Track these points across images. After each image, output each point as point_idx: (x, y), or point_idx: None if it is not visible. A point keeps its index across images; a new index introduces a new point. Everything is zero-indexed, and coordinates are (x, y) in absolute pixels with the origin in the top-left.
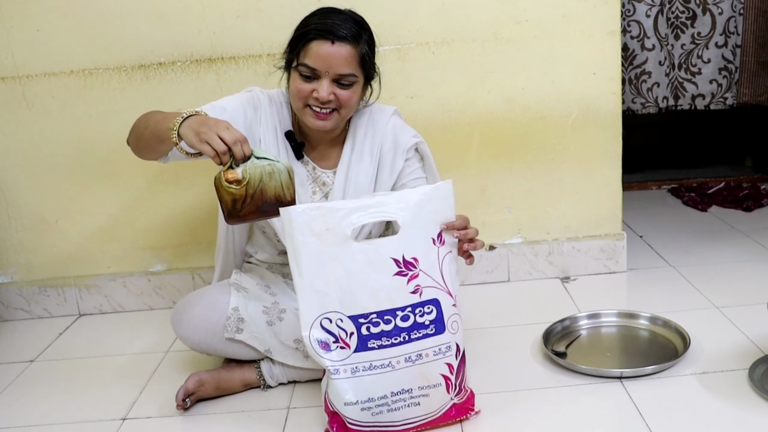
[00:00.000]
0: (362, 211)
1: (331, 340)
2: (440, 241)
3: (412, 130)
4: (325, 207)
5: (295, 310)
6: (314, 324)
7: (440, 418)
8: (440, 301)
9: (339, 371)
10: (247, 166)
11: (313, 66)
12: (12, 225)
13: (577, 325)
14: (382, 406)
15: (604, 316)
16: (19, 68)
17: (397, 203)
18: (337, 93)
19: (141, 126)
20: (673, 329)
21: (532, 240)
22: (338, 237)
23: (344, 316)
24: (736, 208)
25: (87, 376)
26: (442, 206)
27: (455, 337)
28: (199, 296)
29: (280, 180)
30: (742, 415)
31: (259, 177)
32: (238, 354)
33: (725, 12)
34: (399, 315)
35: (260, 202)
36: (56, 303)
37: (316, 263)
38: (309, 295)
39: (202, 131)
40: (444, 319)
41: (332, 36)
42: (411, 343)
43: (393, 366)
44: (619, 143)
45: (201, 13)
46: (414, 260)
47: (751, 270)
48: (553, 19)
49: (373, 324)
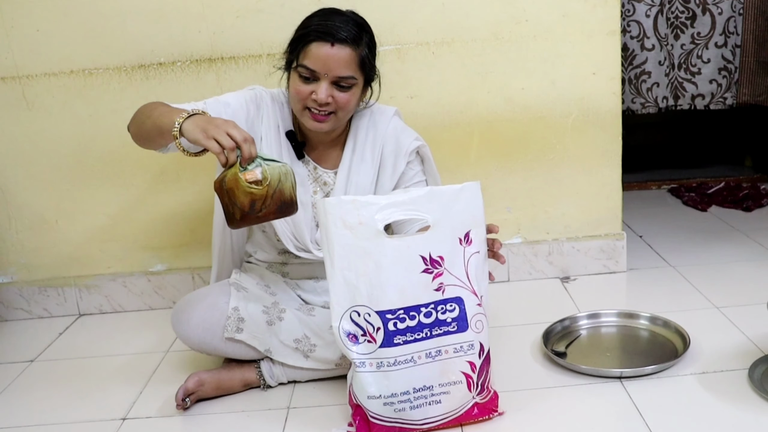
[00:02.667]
0: (395, 207)
1: (359, 333)
2: (467, 241)
3: (413, 133)
4: (359, 201)
5: (295, 310)
6: (344, 316)
7: (462, 416)
8: (464, 299)
9: (365, 364)
10: (264, 166)
11: (312, 67)
12: (12, 225)
13: (577, 325)
14: (404, 402)
15: (604, 316)
16: (19, 68)
17: (429, 201)
18: (335, 95)
19: (144, 115)
20: (672, 329)
21: (532, 240)
22: (370, 231)
23: (372, 310)
24: (736, 208)
25: (87, 376)
26: (470, 207)
27: (479, 336)
28: (199, 296)
29: (292, 181)
30: (742, 415)
31: (278, 177)
32: (238, 354)
33: (725, 12)
34: (423, 311)
35: (279, 203)
36: (56, 303)
37: (348, 255)
38: (340, 286)
39: (210, 128)
40: (467, 318)
41: (332, 38)
42: (432, 339)
43: (415, 361)
44: (618, 143)
45: (201, 13)
46: (440, 258)
47: (751, 270)
48: (553, 19)
49: (399, 320)
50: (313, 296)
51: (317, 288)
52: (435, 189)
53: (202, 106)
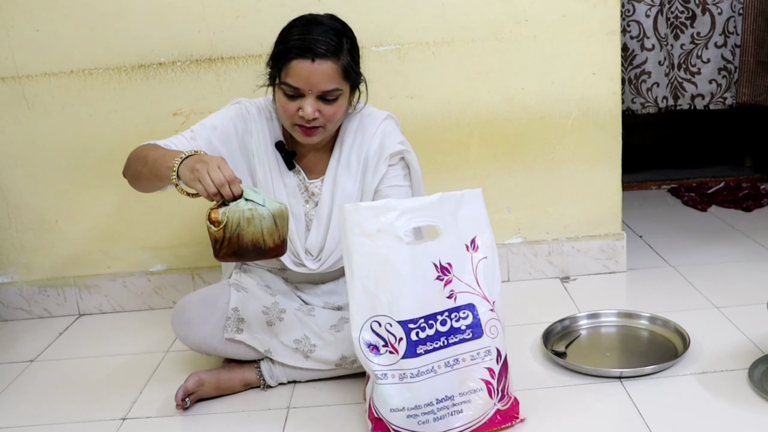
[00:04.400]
0: (411, 214)
1: (380, 344)
2: (473, 247)
3: (400, 137)
4: (377, 207)
5: (295, 310)
6: (364, 326)
7: (485, 425)
8: (476, 305)
9: (387, 376)
10: (230, 208)
11: (295, 85)
12: (12, 225)
13: (577, 324)
14: (428, 414)
15: (604, 316)
16: (19, 68)
17: (440, 207)
18: (322, 109)
19: (138, 163)
20: (672, 329)
21: (532, 240)
22: (390, 239)
23: (393, 320)
24: (736, 208)
25: (87, 376)
26: (474, 213)
27: (495, 342)
28: (199, 296)
29: (260, 226)
30: (741, 415)
31: (237, 222)
32: (238, 354)
33: (725, 12)
34: (439, 319)
35: (236, 247)
36: (56, 303)
37: (367, 264)
38: (360, 295)
39: (196, 169)
40: (481, 324)
41: (312, 54)
42: (449, 347)
43: (435, 371)
44: (618, 143)
45: (201, 13)
46: (449, 265)
47: (751, 270)
48: (553, 19)
49: (421, 329)
50: (314, 297)
51: (317, 291)
52: (445, 195)
53: (190, 135)
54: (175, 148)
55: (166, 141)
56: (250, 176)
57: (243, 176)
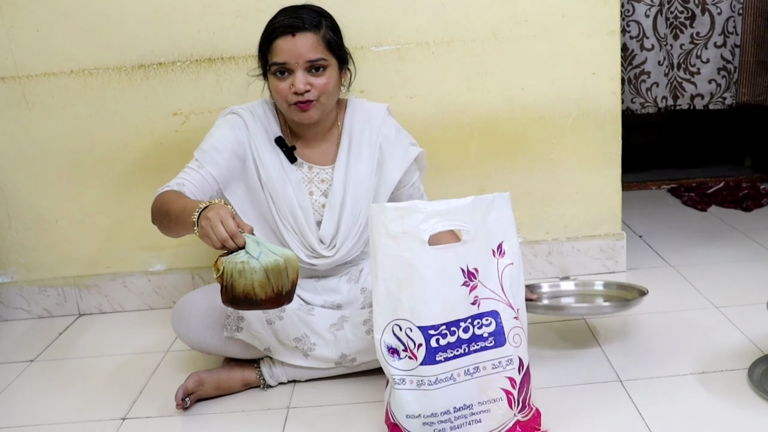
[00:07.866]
0: (439, 217)
1: (400, 348)
2: (500, 253)
3: (410, 135)
4: (403, 208)
5: (294, 309)
6: (386, 329)
7: None
8: (500, 313)
9: (405, 381)
10: (228, 259)
11: (281, 61)
12: (12, 225)
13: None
14: (444, 423)
15: (564, 286)
16: (19, 68)
17: (472, 211)
18: (312, 81)
19: (161, 215)
20: (631, 288)
21: (532, 240)
22: (415, 241)
23: (414, 325)
24: (736, 208)
25: (87, 376)
26: (502, 217)
27: (518, 351)
28: (199, 295)
29: (251, 279)
30: (741, 415)
31: (230, 273)
32: (237, 353)
33: (724, 12)
34: (461, 326)
35: (231, 296)
36: (56, 303)
37: (391, 266)
38: (383, 297)
39: (202, 226)
40: (504, 332)
41: (292, 29)
42: (469, 355)
43: (454, 379)
44: (618, 143)
45: (201, 13)
46: (475, 270)
47: (751, 270)
48: (553, 19)
49: (441, 336)
50: (313, 296)
51: (317, 287)
52: (477, 198)
53: (196, 165)
54: (189, 185)
55: (178, 180)
56: (257, 179)
57: (252, 184)
